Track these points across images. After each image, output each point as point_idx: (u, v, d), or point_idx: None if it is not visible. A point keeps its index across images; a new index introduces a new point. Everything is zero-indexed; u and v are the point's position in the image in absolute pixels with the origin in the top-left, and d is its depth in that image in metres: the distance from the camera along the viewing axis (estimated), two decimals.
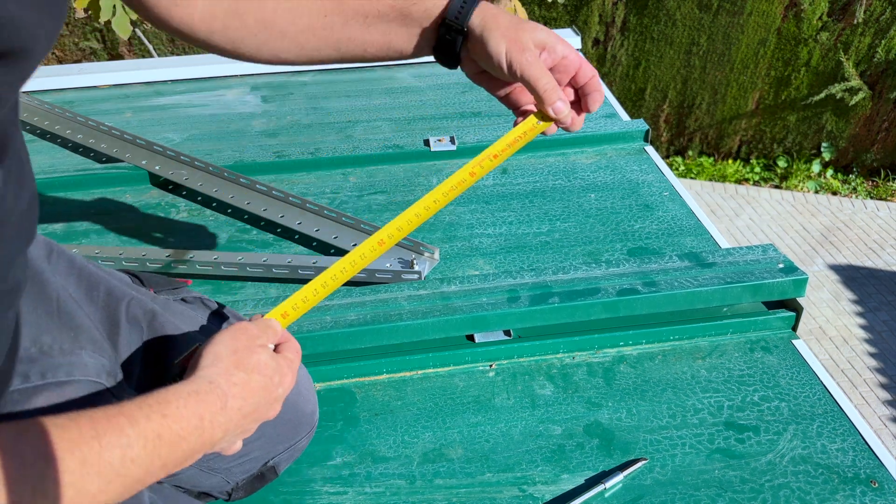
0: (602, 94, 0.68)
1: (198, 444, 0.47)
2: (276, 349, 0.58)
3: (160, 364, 0.67)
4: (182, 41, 0.60)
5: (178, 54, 4.19)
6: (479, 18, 0.62)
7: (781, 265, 1.02)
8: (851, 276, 3.46)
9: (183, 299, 0.75)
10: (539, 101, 0.64)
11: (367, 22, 0.63)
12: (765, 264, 1.03)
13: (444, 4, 0.63)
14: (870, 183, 4.25)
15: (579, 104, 0.69)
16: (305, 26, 0.63)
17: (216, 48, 0.65)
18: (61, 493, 0.39)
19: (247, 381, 0.51)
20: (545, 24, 4.43)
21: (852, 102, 4.00)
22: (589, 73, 0.66)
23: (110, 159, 1.47)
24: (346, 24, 0.63)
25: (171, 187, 1.41)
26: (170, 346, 0.68)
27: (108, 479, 0.41)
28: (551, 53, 0.64)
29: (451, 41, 0.64)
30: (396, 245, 1.21)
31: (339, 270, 0.65)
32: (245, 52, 0.65)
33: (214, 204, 1.35)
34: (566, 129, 0.68)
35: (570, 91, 0.68)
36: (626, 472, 0.82)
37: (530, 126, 0.69)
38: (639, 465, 0.83)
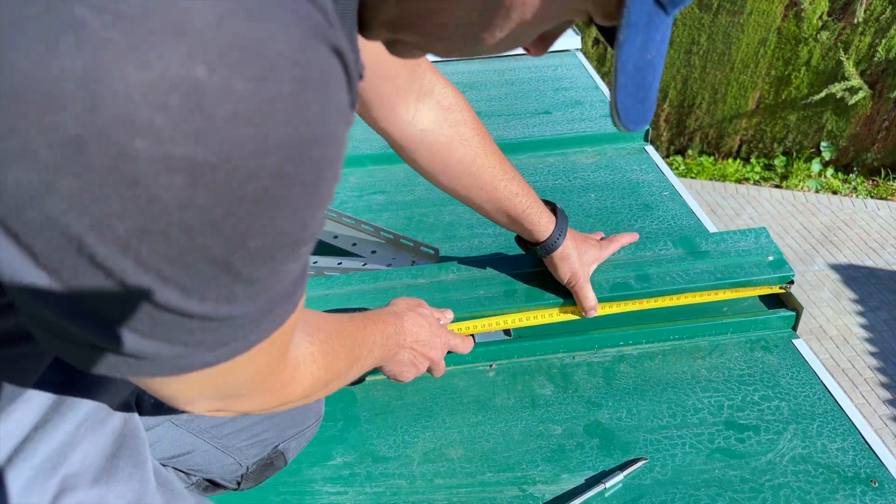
0: (634, 238, 1.06)
1: (392, 347, 0.76)
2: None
3: None
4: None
5: None
6: (559, 253, 0.94)
7: (771, 258, 1.02)
8: (852, 276, 3.46)
9: None
10: (581, 308, 0.97)
11: (497, 209, 0.90)
12: (755, 255, 1.03)
13: (546, 234, 0.92)
14: (870, 182, 4.25)
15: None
16: (473, 186, 0.88)
17: (411, 163, 0.87)
18: (348, 375, 0.63)
19: (416, 318, 0.81)
20: None
21: (852, 102, 3.99)
22: (620, 244, 1.04)
23: None
24: (487, 202, 0.90)
25: None
26: None
27: (361, 365, 0.67)
28: (598, 261, 1.00)
29: (536, 252, 0.95)
30: (397, 245, 1.21)
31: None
32: (428, 175, 0.88)
33: None
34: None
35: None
36: (626, 472, 0.82)
37: (572, 313, 1.00)
38: (639, 464, 0.83)
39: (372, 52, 0.73)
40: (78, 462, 0.51)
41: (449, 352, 0.89)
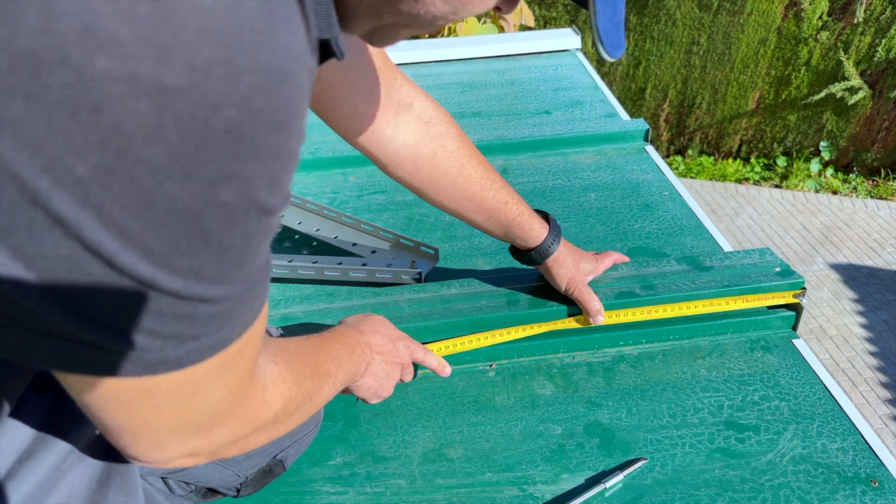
0: (622, 259, 1.06)
1: (359, 358, 0.73)
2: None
3: None
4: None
5: None
6: (554, 258, 0.93)
7: (778, 269, 1.02)
8: (852, 276, 3.46)
9: None
10: (586, 314, 0.96)
11: (489, 219, 0.89)
12: (762, 268, 1.03)
13: (540, 240, 0.91)
14: (870, 182, 4.25)
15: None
16: (461, 198, 0.87)
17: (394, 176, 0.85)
18: (320, 394, 0.61)
19: (370, 324, 0.79)
20: (545, 24, 4.43)
21: (852, 101, 4.00)
22: (613, 260, 1.04)
23: None
24: (477, 213, 0.89)
25: None
26: None
27: (333, 382, 0.65)
28: (594, 273, 1.00)
29: (531, 259, 0.94)
30: (397, 245, 1.21)
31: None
32: (415, 190, 0.87)
33: None
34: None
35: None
36: (626, 472, 0.82)
37: (577, 322, 1.00)
38: (639, 464, 0.83)
39: (345, 71, 0.72)
40: (64, 495, 0.49)
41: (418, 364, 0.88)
